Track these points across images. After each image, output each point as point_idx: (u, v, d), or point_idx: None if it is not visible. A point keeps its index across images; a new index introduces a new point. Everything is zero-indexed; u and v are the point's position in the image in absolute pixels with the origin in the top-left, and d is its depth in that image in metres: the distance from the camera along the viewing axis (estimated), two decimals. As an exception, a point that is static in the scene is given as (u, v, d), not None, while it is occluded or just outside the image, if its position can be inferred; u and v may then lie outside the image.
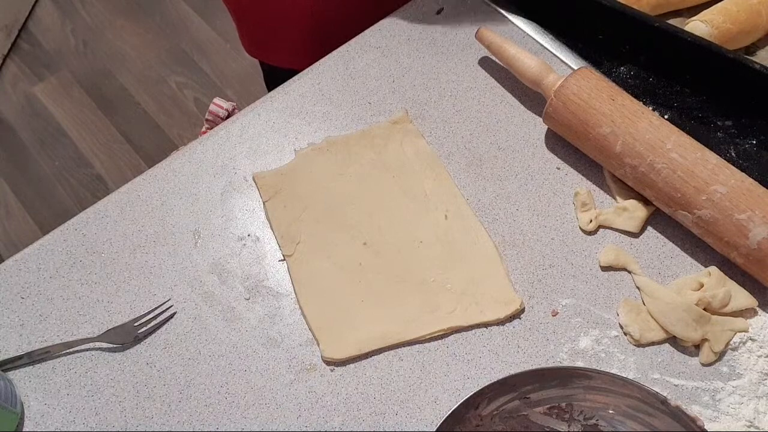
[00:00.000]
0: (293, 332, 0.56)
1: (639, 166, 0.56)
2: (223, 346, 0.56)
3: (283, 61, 0.75)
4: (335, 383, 0.54)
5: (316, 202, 0.61)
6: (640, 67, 0.67)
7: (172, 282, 0.59)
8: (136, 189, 0.63)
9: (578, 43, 0.69)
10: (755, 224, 0.52)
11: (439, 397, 0.53)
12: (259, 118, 0.67)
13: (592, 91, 0.59)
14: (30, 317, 0.57)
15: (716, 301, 0.53)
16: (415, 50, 0.70)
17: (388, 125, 0.65)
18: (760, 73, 0.58)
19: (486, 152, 0.64)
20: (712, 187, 0.54)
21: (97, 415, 0.53)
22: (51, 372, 0.55)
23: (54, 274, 0.59)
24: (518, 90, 0.67)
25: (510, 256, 0.59)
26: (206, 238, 0.61)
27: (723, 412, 0.51)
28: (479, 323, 0.55)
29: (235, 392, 0.54)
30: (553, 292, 0.57)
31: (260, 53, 0.94)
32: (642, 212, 0.59)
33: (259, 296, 0.58)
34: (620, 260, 0.57)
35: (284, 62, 0.71)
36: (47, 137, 1.70)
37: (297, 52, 0.71)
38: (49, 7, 1.91)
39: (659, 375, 0.53)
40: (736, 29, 0.63)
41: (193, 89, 1.75)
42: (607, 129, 0.57)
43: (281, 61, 0.87)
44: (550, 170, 0.63)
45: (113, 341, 0.56)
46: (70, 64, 1.81)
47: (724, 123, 0.63)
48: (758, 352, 0.53)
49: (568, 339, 0.55)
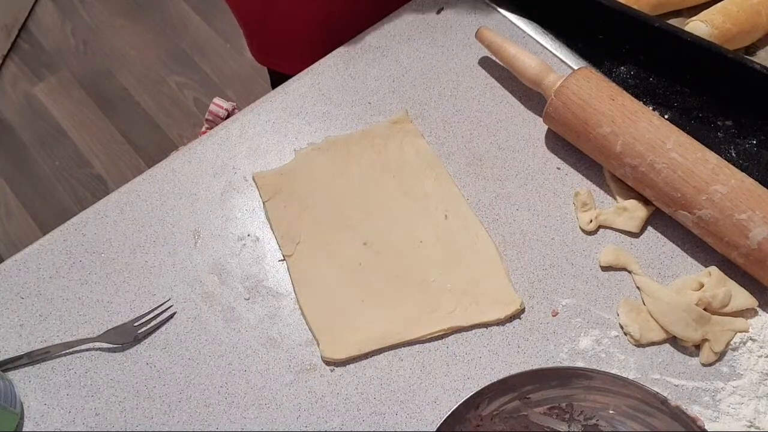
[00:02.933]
0: (293, 332, 0.56)
1: (639, 166, 0.56)
2: (223, 346, 0.56)
3: (292, 68, 0.75)
4: (335, 383, 0.54)
5: (316, 202, 0.61)
6: (640, 67, 0.67)
7: (172, 282, 0.59)
8: (136, 189, 0.63)
9: (578, 43, 0.69)
10: (755, 224, 0.52)
11: (439, 397, 0.53)
12: (259, 118, 0.67)
13: (592, 91, 0.59)
14: (30, 317, 0.57)
15: (716, 301, 0.53)
16: (415, 50, 0.70)
17: (388, 125, 0.65)
18: (760, 73, 0.58)
19: (486, 152, 0.64)
20: (712, 187, 0.54)
21: (97, 415, 0.53)
22: (51, 372, 0.55)
23: (54, 274, 0.59)
24: (518, 90, 0.67)
25: (510, 256, 0.59)
26: (206, 238, 0.61)
27: (723, 412, 0.51)
28: (479, 323, 0.55)
29: (235, 392, 0.54)
30: (553, 292, 0.57)
31: (269, 61, 0.94)
32: (642, 212, 0.59)
33: (259, 296, 0.58)
34: (620, 260, 0.57)
35: (293, 69, 0.72)
36: (47, 137, 1.70)
37: (305, 59, 0.71)
38: (49, 7, 1.91)
39: (659, 375, 0.53)
40: (736, 29, 0.63)
41: (193, 89, 1.75)
42: (607, 129, 0.57)
43: (290, 68, 0.87)
44: (550, 170, 0.63)
45: (113, 341, 0.56)
46: (70, 64, 1.81)
47: (724, 123, 0.63)
48: (758, 352, 0.53)
49: (568, 339, 0.55)
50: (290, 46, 0.86)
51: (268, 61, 0.94)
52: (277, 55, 0.90)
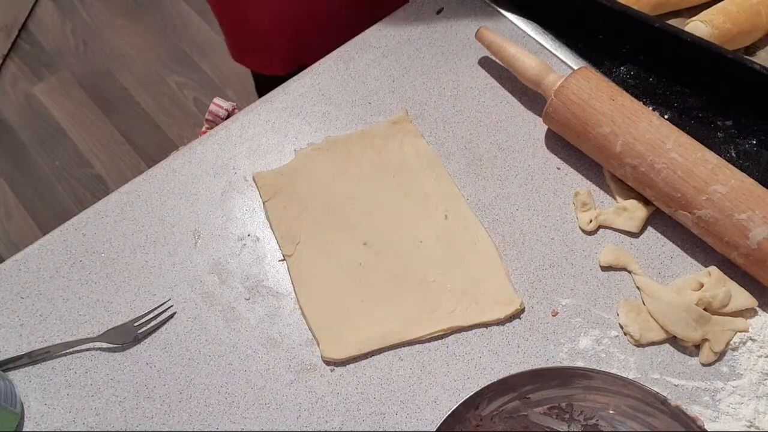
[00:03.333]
0: (293, 332, 0.56)
1: (639, 166, 0.56)
2: (223, 346, 0.56)
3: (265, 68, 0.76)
4: (335, 383, 0.54)
5: (316, 202, 0.61)
6: (640, 67, 0.67)
7: (172, 282, 0.59)
8: (136, 189, 0.63)
9: (578, 43, 0.69)
10: (755, 224, 0.52)
11: (439, 397, 0.53)
12: (259, 118, 0.67)
13: (592, 91, 0.59)
14: (30, 317, 0.57)
15: (716, 301, 0.53)
16: (415, 50, 0.70)
17: (388, 125, 0.65)
18: (760, 73, 0.58)
19: (486, 152, 0.64)
20: (712, 187, 0.54)
21: (97, 415, 0.53)
22: (51, 372, 0.55)
23: (54, 274, 0.59)
24: (518, 90, 0.67)
25: (510, 256, 0.59)
26: (206, 238, 0.61)
27: (723, 412, 0.51)
28: (479, 323, 0.55)
29: (235, 392, 0.54)
30: (553, 292, 0.57)
31: (246, 60, 0.94)
32: (642, 212, 0.59)
33: (259, 296, 0.58)
34: (620, 260, 0.57)
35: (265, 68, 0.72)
36: (47, 137, 1.70)
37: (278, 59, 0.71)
38: (49, 7, 1.91)
39: (659, 375, 0.53)
40: (736, 29, 0.63)
41: (193, 89, 1.75)
42: (607, 129, 0.57)
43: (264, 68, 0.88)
44: (550, 170, 0.63)
45: (113, 341, 0.56)
46: (70, 64, 1.81)
47: (724, 123, 0.63)
48: (758, 352, 0.53)
49: (568, 339, 0.55)
50: (263, 45, 0.86)
51: (245, 60, 0.95)
52: (253, 55, 0.91)
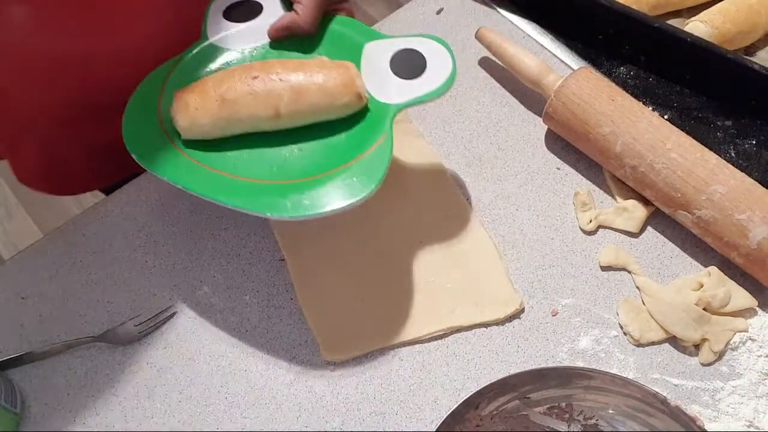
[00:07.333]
0: (293, 332, 0.56)
1: (639, 166, 0.56)
2: (223, 346, 0.56)
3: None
4: (335, 383, 0.54)
5: (316, 202, 0.61)
6: (640, 67, 0.67)
7: (172, 282, 0.59)
8: (136, 189, 0.63)
9: (578, 43, 0.69)
10: (755, 224, 0.52)
11: (439, 397, 0.53)
12: (259, 118, 0.67)
13: (592, 91, 0.59)
14: (30, 317, 0.57)
15: (716, 301, 0.53)
16: (415, 50, 0.70)
17: (388, 125, 0.65)
18: (760, 73, 0.58)
19: (486, 152, 0.64)
20: (711, 187, 0.54)
21: (97, 415, 0.53)
22: (51, 372, 0.55)
23: (54, 274, 0.59)
24: (518, 90, 0.67)
25: (510, 256, 0.59)
26: (206, 238, 0.60)
27: (723, 412, 0.51)
28: (479, 323, 0.55)
29: (235, 392, 0.54)
30: (553, 292, 0.57)
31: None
32: (642, 212, 0.59)
33: (259, 296, 0.58)
34: (620, 260, 0.57)
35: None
36: (47, 137, 1.70)
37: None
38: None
39: (659, 375, 0.53)
40: (735, 29, 0.63)
41: (193, 89, 1.75)
42: (607, 129, 0.57)
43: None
44: (550, 170, 0.63)
45: (113, 341, 0.56)
46: (70, 64, 1.80)
47: (724, 123, 0.63)
48: (758, 352, 0.53)
49: (568, 339, 0.55)
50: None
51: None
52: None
